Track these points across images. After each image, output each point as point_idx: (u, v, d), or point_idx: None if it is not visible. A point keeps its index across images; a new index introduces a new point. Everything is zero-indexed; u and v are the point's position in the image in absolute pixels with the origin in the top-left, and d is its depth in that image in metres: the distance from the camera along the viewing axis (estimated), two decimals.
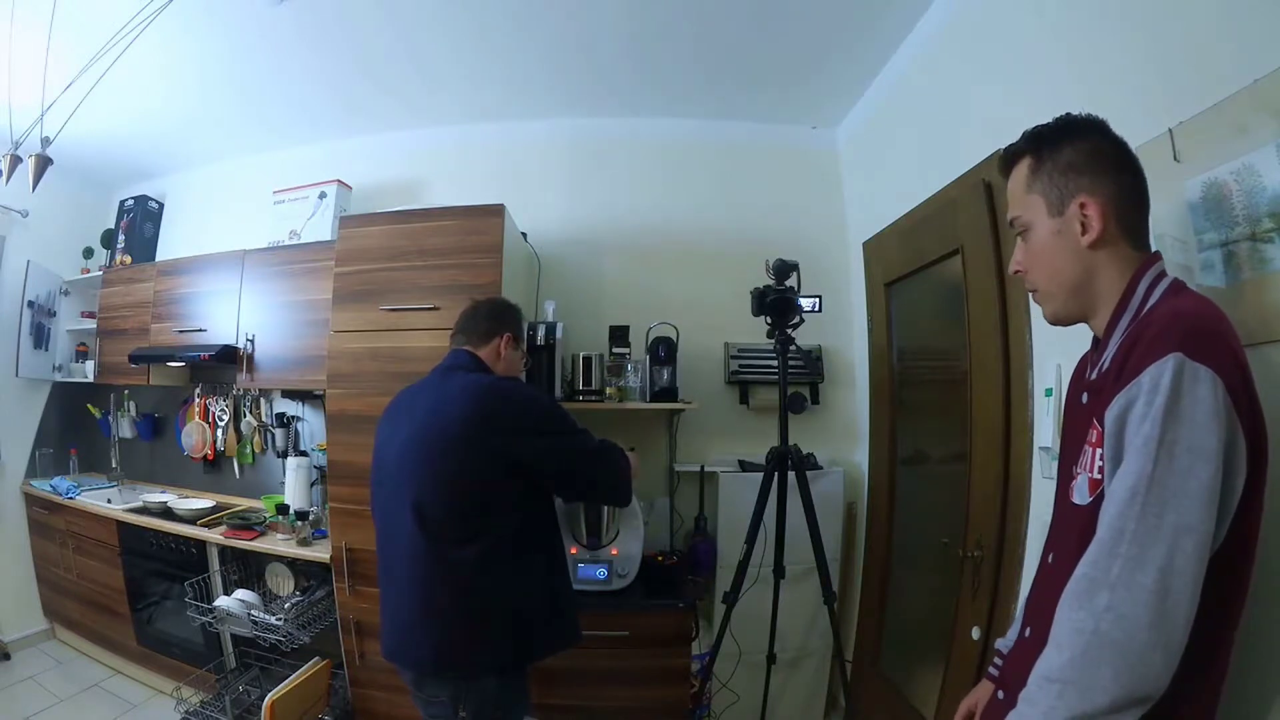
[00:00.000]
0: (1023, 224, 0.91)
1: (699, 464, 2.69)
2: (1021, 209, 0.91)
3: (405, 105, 2.88)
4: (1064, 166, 0.86)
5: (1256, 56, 0.98)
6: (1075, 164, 0.86)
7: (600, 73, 2.62)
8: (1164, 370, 0.69)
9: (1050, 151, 0.88)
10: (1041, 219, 0.88)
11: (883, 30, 2.23)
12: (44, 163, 2.03)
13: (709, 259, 2.86)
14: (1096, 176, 0.85)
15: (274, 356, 2.75)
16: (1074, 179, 0.86)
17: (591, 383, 2.46)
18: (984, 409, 1.80)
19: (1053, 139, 0.88)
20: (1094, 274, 0.86)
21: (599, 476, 1.55)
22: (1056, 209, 0.87)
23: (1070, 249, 0.86)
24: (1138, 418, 0.70)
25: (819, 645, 2.41)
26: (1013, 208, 0.93)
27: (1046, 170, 0.87)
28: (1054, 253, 0.87)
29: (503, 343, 1.61)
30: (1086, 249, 0.85)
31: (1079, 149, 0.87)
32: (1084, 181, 0.85)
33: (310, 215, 2.91)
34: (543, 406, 1.52)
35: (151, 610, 2.79)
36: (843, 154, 2.94)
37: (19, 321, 3.31)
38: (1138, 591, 0.65)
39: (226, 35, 2.29)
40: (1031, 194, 0.89)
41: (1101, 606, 0.66)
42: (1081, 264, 0.86)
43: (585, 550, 2.25)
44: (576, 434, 1.51)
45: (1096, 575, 0.68)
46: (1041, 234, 0.88)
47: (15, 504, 3.29)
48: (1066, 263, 0.87)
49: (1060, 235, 0.87)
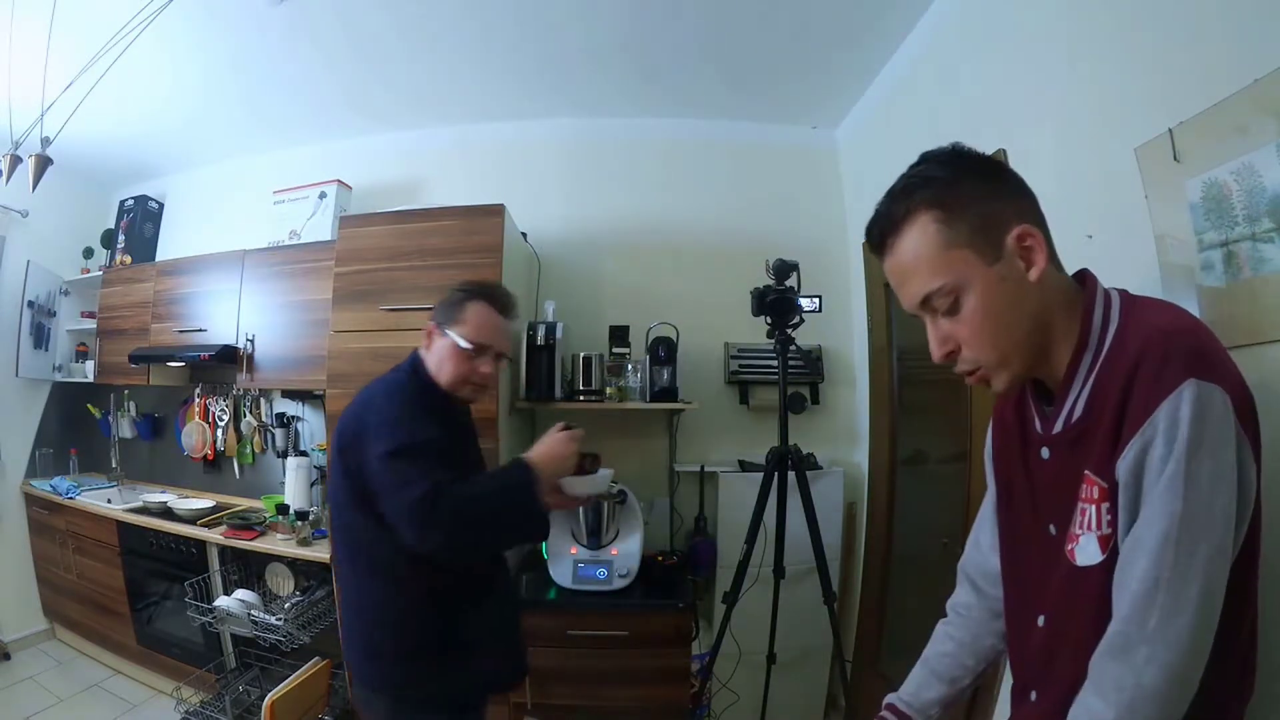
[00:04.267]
0: (951, 290, 0.73)
1: (699, 464, 2.69)
2: (944, 275, 0.73)
3: (405, 105, 2.88)
4: (982, 200, 0.73)
5: (1256, 56, 0.98)
6: (987, 194, 0.74)
7: (600, 73, 2.62)
8: (1180, 402, 0.63)
9: (954, 192, 0.74)
10: (977, 274, 0.72)
11: (883, 30, 2.23)
12: (44, 163, 2.03)
13: (709, 259, 2.86)
14: (1011, 199, 0.75)
15: (274, 356, 2.75)
16: (997, 210, 0.73)
17: (591, 383, 2.46)
18: (984, 409, 1.80)
19: (946, 179, 0.75)
20: (1047, 312, 0.74)
21: (391, 507, 1.19)
22: (992, 253, 0.72)
23: (1019, 294, 0.73)
24: (1159, 459, 0.64)
25: (819, 645, 2.41)
26: (924, 280, 0.74)
27: (965, 213, 0.73)
28: (1004, 306, 0.73)
29: (430, 333, 1.42)
30: (1034, 286, 0.73)
31: (977, 177, 0.76)
32: (1008, 209, 0.74)
33: (310, 215, 2.90)
34: (385, 414, 1.27)
35: (151, 610, 2.79)
36: (843, 154, 2.94)
37: (19, 321, 3.31)
38: (1176, 635, 0.63)
39: (226, 35, 2.29)
40: (954, 250, 0.72)
41: (1141, 660, 0.64)
42: (1034, 305, 0.74)
43: (585, 550, 2.25)
44: (399, 455, 1.20)
45: (1132, 631, 0.65)
46: (982, 291, 0.72)
47: (15, 504, 3.29)
48: (1019, 312, 0.73)
49: (1005, 281, 0.72)
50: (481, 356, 1.38)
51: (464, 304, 1.39)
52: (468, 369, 1.37)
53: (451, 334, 1.37)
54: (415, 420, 1.27)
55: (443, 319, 1.40)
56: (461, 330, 1.37)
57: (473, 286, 1.45)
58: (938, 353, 0.78)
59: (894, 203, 0.77)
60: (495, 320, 1.41)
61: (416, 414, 1.29)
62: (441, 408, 1.38)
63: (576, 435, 1.36)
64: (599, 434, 2.75)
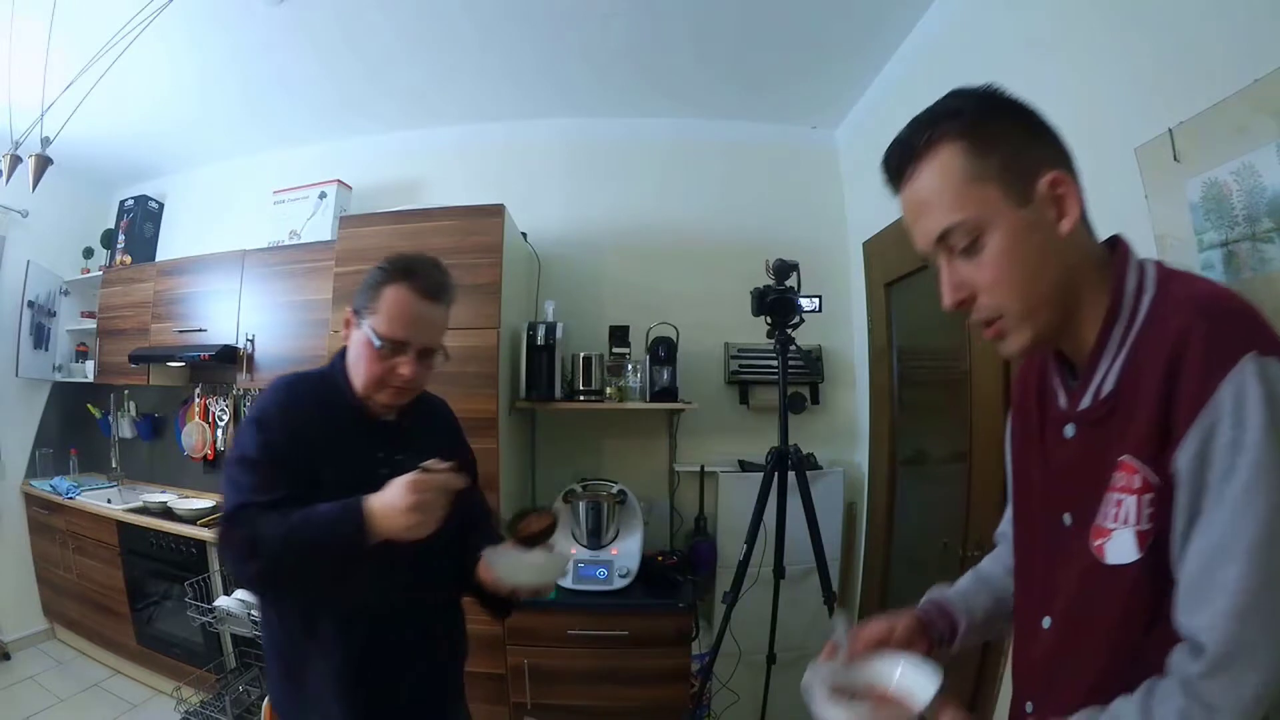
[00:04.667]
0: (973, 229, 0.65)
1: (699, 464, 2.69)
2: (965, 208, 0.65)
3: (405, 105, 2.88)
4: (1013, 139, 0.66)
5: (1256, 56, 0.98)
6: (1020, 134, 0.67)
7: (600, 73, 2.62)
8: (1244, 380, 0.55)
9: (984, 126, 0.66)
10: (1003, 214, 0.65)
11: (883, 30, 2.23)
12: (44, 163, 2.03)
13: (709, 259, 2.86)
14: (1045, 144, 0.67)
15: (274, 356, 2.75)
16: (1030, 152, 0.66)
17: (591, 383, 2.47)
18: (984, 409, 1.80)
19: (976, 110, 0.67)
20: (1076, 272, 0.67)
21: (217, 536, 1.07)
22: (1022, 196, 0.65)
23: (1048, 244, 0.65)
24: (1226, 447, 0.56)
25: (819, 645, 2.39)
26: (943, 214, 0.67)
27: (995, 148, 0.65)
28: (1031, 253, 0.65)
29: (347, 321, 1.17)
30: (1064, 240, 0.65)
31: (1010, 115, 0.68)
32: (1043, 154, 0.67)
33: (310, 215, 2.90)
34: (249, 414, 1.14)
35: (151, 610, 2.79)
36: (843, 154, 2.94)
37: (19, 321, 3.31)
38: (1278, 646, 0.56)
39: (226, 35, 2.29)
40: (979, 184, 0.65)
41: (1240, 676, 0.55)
42: (1061, 262, 0.66)
43: (585, 550, 2.25)
44: (233, 464, 1.07)
45: (1230, 647, 0.55)
46: (1007, 233, 0.65)
47: (15, 504, 3.29)
48: (1047, 263, 0.66)
49: (1034, 229, 0.65)
50: (400, 354, 1.10)
51: (379, 288, 1.11)
52: (382, 369, 1.10)
53: (365, 325, 1.11)
54: (268, 427, 1.08)
55: (358, 305, 1.14)
56: (375, 322, 1.10)
57: (392, 263, 1.14)
58: (949, 299, 0.69)
59: (918, 129, 0.69)
60: (417, 308, 1.11)
61: (274, 419, 1.09)
62: (339, 416, 1.14)
63: (434, 483, 0.96)
64: (599, 434, 2.77)
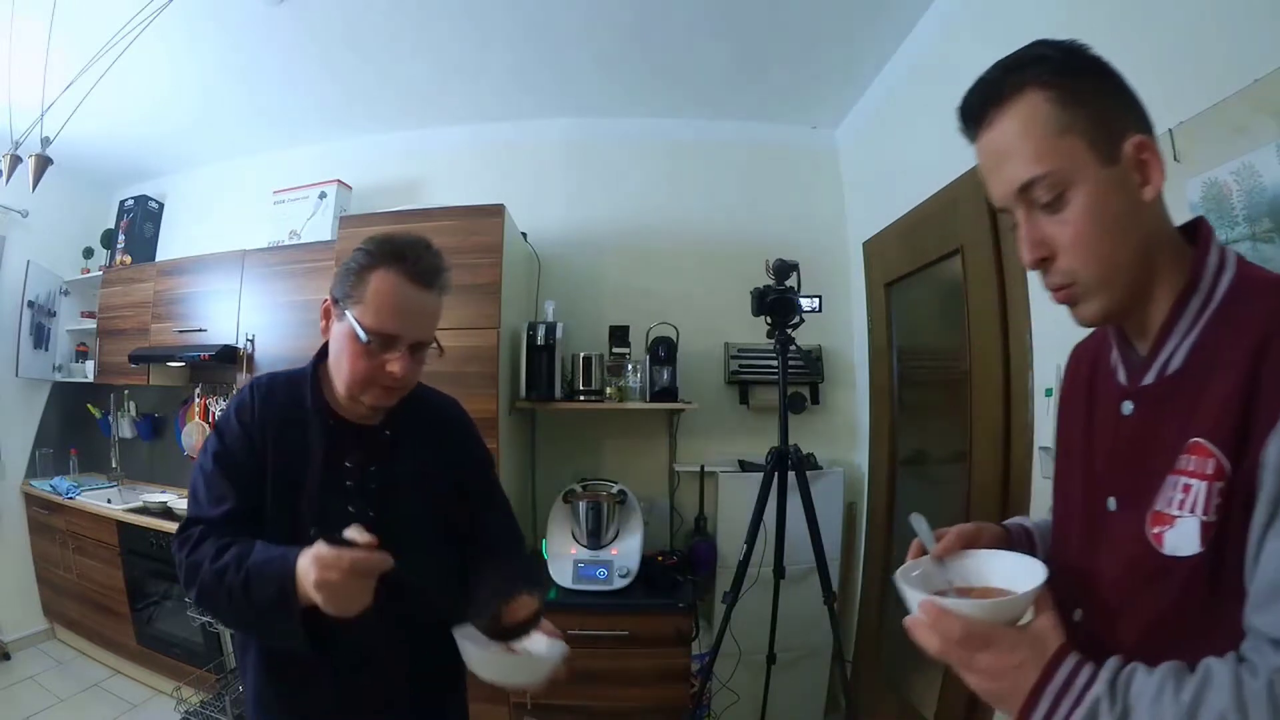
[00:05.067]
0: (1059, 183, 0.60)
1: (699, 464, 2.69)
2: (1053, 161, 0.60)
3: (405, 104, 2.88)
4: (1099, 96, 0.61)
5: (1256, 56, 0.98)
6: (1108, 91, 0.62)
7: (600, 73, 2.62)
8: None
9: (1072, 77, 0.61)
10: (1090, 171, 0.60)
11: (883, 30, 2.23)
12: (44, 163, 2.03)
13: (709, 259, 2.86)
14: (1134, 108, 0.63)
15: (274, 356, 2.75)
16: (1116, 110, 0.62)
17: (591, 383, 2.47)
18: (984, 409, 1.80)
19: (1063, 61, 0.62)
20: (1154, 242, 0.63)
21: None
22: (1109, 154, 0.60)
23: (1130, 210, 0.61)
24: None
25: (819, 645, 2.41)
26: (1028, 164, 0.61)
27: (1083, 101, 0.60)
28: (1116, 216, 0.61)
29: (325, 311, 1.04)
30: (1147, 207, 0.61)
31: (1097, 72, 0.63)
32: (1131, 115, 0.62)
33: (310, 215, 2.90)
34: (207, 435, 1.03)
35: (151, 610, 2.79)
36: (843, 154, 2.94)
37: (19, 321, 3.31)
38: None
39: (226, 35, 2.29)
40: (1066, 136, 0.60)
41: None
42: (1143, 230, 0.62)
43: (585, 550, 2.25)
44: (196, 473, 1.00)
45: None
46: (1093, 191, 0.60)
47: (15, 504, 3.29)
48: (1130, 229, 0.61)
49: (1118, 191, 0.60)
50: (389, 350, 0.96)
51: (365, 273, 0.96)
52: (369, 367, 0.96)
53: (350, 316, 0.96)
54: (224, 433, 1.00)
55: (339, 292, 0.99)
56: (360, 312, 0.95)
57: (378, 245, 0.98)
58: (1029, 256, 0.64)
59: (1004, 72, 0.64)
60: (408, 296, 0.96)
61: (232, 426, 1.00)
62: (308, 420, 1.01)
63: (340, 563, 0.78)
64: (599, 434, 2.77)
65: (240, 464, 0.98)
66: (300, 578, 0.81)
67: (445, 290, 1.03)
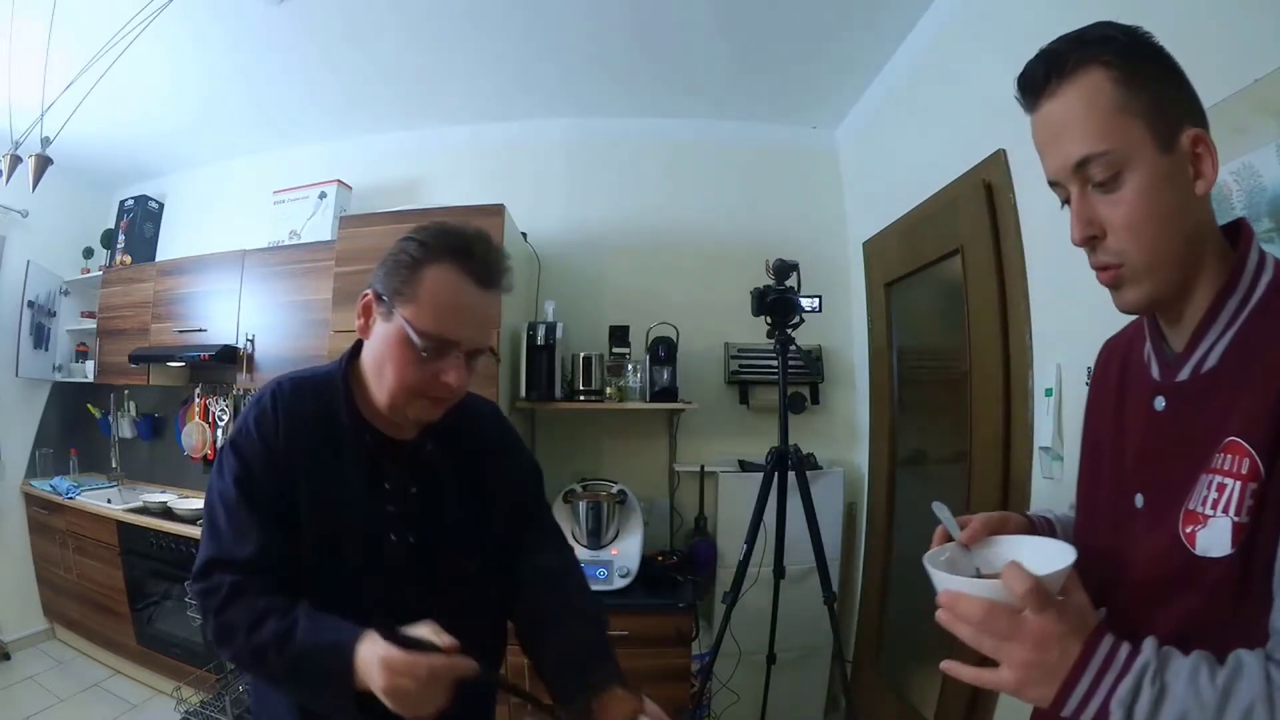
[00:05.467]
0: (1117, 162, 0.60)
1: (699, 464, 2.69)
2: (1112, 139, 0.60)
3: (405, 104, 2.88)
4: (1160, 83, 0.61)
5: (1256, 56, 0.98)
6: (1168, 80, 0.62)
7: (600, 74, 2.62)
8: None
9: (1135, 60, 0.61)
10: (1147, 154, 0.60)
11: (883, 30, 2.23)
12: (44, 163, 2.03)
13: (709, 259, 2.86)
14: (1193, 101, 0.63)
15: (274, 356, 2.75)
16: (1176, 99, 0.62)
17: (591, 383, 2.47)
18: (984, 409, 1.80)
19: (1128, 44, 0.62)
20: (1201, 237, 0.63)
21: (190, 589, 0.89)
22: (1166, 141, 0.60)
23: (1184, 199, 0.61)
24: None
25: (819, 645, 2.40)
26: (1088, 140, 0.61)
27: (1146, 85, 0.60)
28: (1166, 204, 0.61)
29: (366, 308, 0.89)
30: (1198, 201, 0.62)
31: (1160, 61, 0.63)
32: (1189, 107, 0.62)
33: (310, 215, 2.90)
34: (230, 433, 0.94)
35: (151, 610, 2.79)
36: (843, 154, 2.94)
37: (19, 321, 3.31)
38: None
39: (227, 35, 2.29)
40: (1127, 116, 0.60)
41: None
42: (1192, 223, 0.62)
43: (585, 550, 2.25)
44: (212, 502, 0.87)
45: None
46: (1148, 175, 0.60)
47: (15, 504, 3.29)
48: (1179, 218, 0.61)
49: (1172, 181, 0.60)
50: (445, 357, 0.84)
51: (419, 268, 0.84)
52: (421, 376, 0.84)
53: (400, 316, 0.83)
54: (244, 453, 0.86)
55: (387, 288, 0.85)
56: (414, 313, 0.83)
57: (435, 236, 0.86)
58: (1079, 233, 0.64)
59: (1069, 45, 0.64)
60: (471, 297, 0.85)
61: (253, 443, 0.86)
62: (339, 435, 0.89)
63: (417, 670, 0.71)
64: (599, 434, 2.77)
65: (265, 490, 0.84)
66: (361, 672, 0.73)
67: (507, 291, 0.92)
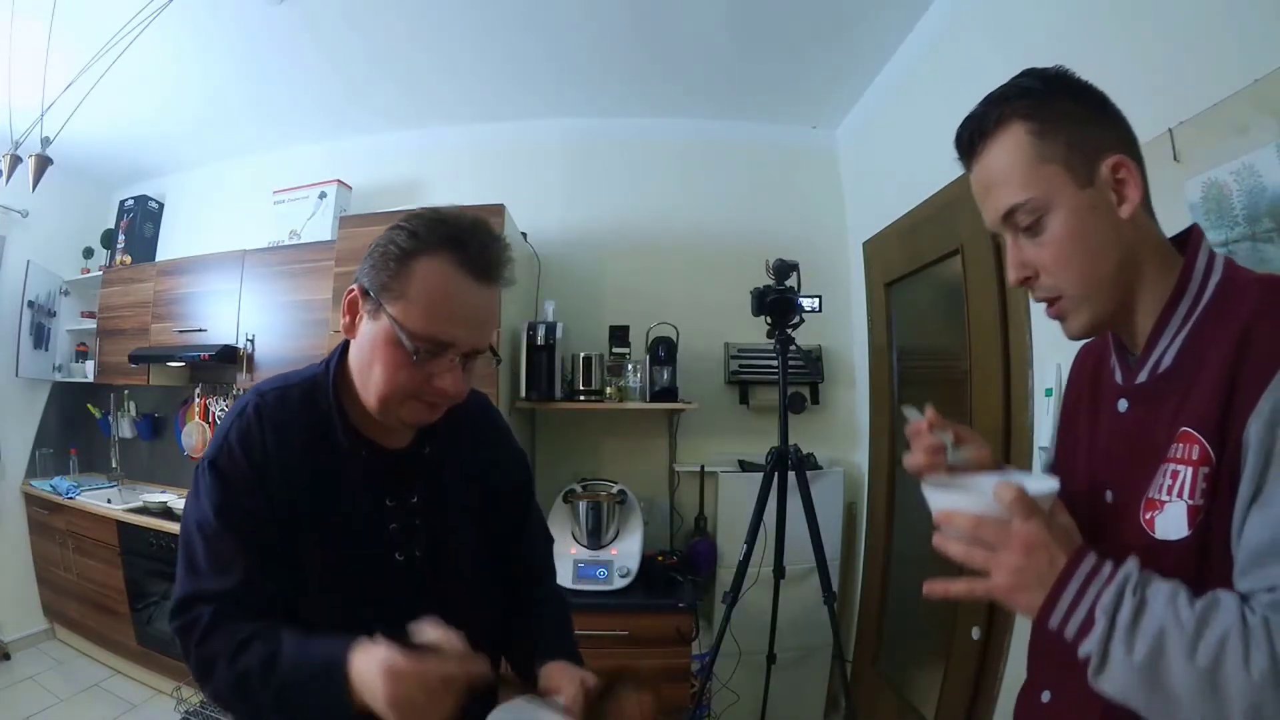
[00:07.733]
0: (1037, 208, 0.67)
1: (699, 464, 2.69)
2: (1032, 189, 0.67)
3: (405, 104, 2.88)
4: (1079, 122, 0.67)
5: (1256, 56, 0.98)
6: (1087, 117, 0.68)
7: (601, 74, 2.62)
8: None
9: (1049, 107, 0.67)
10: (1066, 195, 0.66)
11: (883, 30, 2.23)
12: (44, 163, 2.03)
13: (709, 259, 2.86)
14: (1109, 127, 0.68)
15: (274, 356, 2.75)
16: (1095, 135, 0.67)
17: (591, 383, 2.47)
18: (984, 409, 1.80)
19: (1043, 92, 0.69)
20: (1135, 255, 0.67)
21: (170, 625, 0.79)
22: (1084, 177, 0.66)
23: (1108, 228, 0.67)
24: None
25: (819, 645, 2.40)
26: (1011, 192, 0.68)
27: (1061, 130, 0.66)
28: (1090, 234, 0.66)
29: (352, 304, 0.80)
30: (1125, 224, 0.66)
31: (1074, 98, 0.69)
32: (1107, 137, 0.67)
33: (310, 215, 2.90)
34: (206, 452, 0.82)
35: (151, 610, 2.78)
36: (843, 154, 2.94)
37: (19, 321, 3.31)
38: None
39: (227, 35, 2.29)
40: (1044, 164, 0.67)
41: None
42: (1122, 245, 0.67)
43: (585, 550, 2.25)
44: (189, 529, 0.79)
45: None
46: (1069, 214, 0.66)
47: (15, 504, 3.29)
48: (1107, 245, 0.67)
49: (1095, 210, 0.66)
50: (439, 358, 0.76)
51: (409, 260, 0.75)
52: (412, 380, 0.76)
53: (389, 314, 0.75)
54: (225, 474, 0.77)
55: (374, 283, 0.77)
56: (403, 311, 0.75)
57: (426, 225, 0.77)
58: (1013, 276, 0.72)
59: (989, 106, 0.71)
60: (467, 293, 0.77)
61: (236, 461, 0.78)
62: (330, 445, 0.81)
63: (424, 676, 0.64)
64: (599, 434, 2.77)
65: (251, 514, 0.76)
66: (359, 688, 0.66)
67: (508, 285, 0.83)
